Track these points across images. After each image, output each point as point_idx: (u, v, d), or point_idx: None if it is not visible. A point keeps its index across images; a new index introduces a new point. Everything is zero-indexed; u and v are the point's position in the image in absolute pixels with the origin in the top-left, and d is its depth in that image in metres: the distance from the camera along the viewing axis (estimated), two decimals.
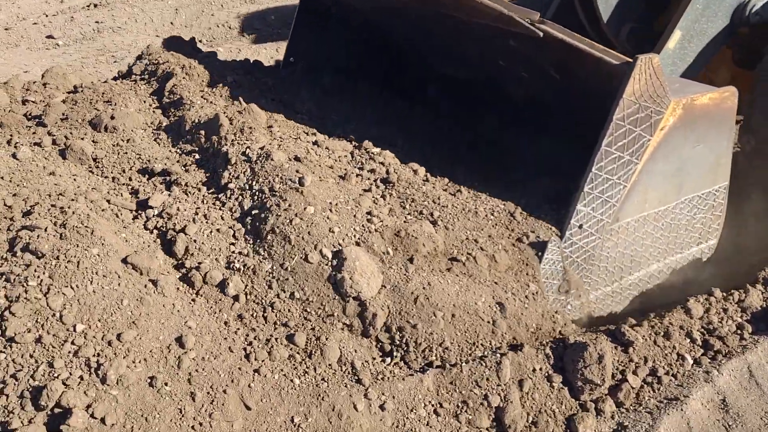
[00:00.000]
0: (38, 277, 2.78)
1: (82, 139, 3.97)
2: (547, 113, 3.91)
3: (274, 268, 3.11)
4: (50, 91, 4.76)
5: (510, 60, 3.91)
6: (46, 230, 2.97)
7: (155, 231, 3.37)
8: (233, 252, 3.22)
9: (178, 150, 3.99)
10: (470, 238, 3.40)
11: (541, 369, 3.05)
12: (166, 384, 2.66)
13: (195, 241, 3.24)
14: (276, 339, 2.97)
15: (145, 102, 4.56)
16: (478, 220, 3.50)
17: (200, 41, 9.58)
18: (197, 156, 3.90)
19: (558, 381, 3.04)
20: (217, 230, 3.30)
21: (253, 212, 3.35)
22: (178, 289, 3.02)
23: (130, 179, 3.78)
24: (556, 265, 3.39)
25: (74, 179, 3.67)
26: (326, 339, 2.97)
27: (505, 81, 4.18)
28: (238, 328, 2.98)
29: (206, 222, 3.35)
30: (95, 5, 9.15)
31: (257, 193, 3.44)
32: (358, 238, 3.21)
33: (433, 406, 2.93)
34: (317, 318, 3.03)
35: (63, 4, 9.18)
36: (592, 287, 3.57)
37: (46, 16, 8.94)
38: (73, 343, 2.64)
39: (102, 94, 4.54)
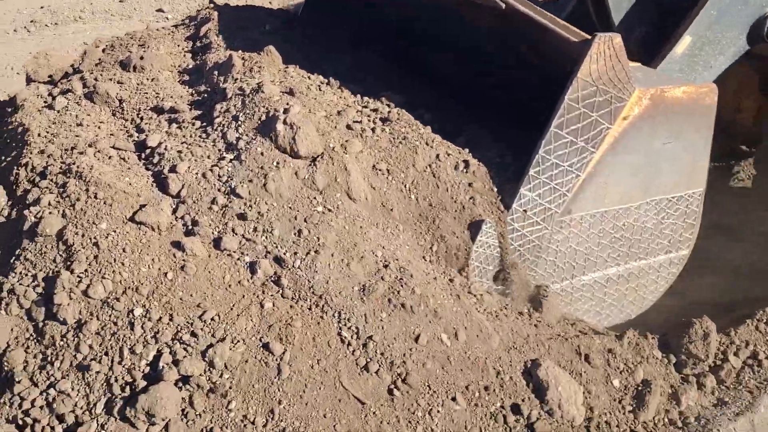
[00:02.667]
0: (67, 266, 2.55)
1: (111, 80, 3.91)
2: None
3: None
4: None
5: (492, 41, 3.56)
6: (49, 204, 2.78)
7: (151, 170, 3.15)
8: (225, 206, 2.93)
9: (194, 90, 3.86)
10: None
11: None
12: None
13: (184, 185, 2.97)
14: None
15: (178, 46, 4.50)
16: None
17: None
18: (206, 95, 3.74)
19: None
20: (203, 175, 3.01)
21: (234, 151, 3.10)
22: (209, 255, 2.73)
23: (142, 118, 3.65)
24: (492, 250, 3.03)
25: (98, 126, 3.55)
26: None
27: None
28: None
29: (193, 159, 3.11)
30: None
31: (241, 125, 3.19)
32: None
33: None
34: None
35: None
36: (537, 282, 3.18)
37: None
38: (152, 330, 2.44)
39: (139, 38, 4.54)
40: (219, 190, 2.93)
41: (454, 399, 2.54)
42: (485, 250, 3.02)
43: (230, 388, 2.33)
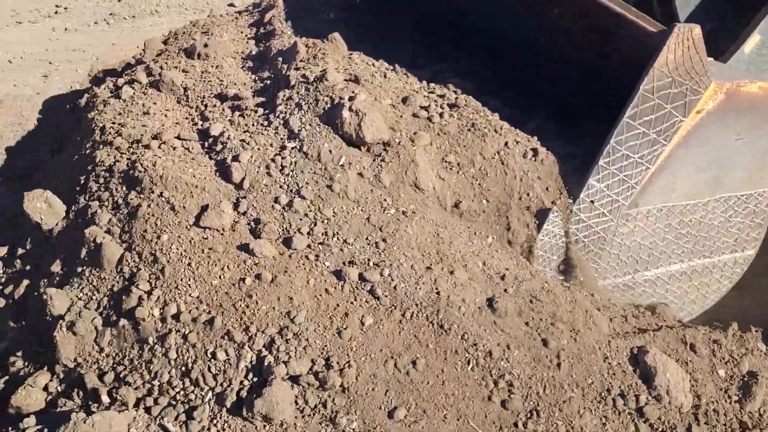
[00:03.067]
0: (142, 290, 2.51)
1: (176, 68, 3.94)
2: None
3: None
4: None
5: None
6: (110, 222, 2.76)
7: (214, 159, 3.14)
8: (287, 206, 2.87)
9: (257, 77, 3.87)
10: None
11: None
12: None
13: (247, 175, 2.95)
14: None
15: (242, 33, 4.55)
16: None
17: None
18: (269, 82, 3.75)
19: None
20: (266, 167, 2.98)
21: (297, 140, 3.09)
22: (281, 254, 2.67)
23: (206, 106, 3.66)
24: (557, 239, 3.02)
25: (165, 115, 3.57)
26: None
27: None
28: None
29: (256, 148, 3.11)
30: None
31: (305, 114, 3.19)
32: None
33: None
34: None
35: None
36: (600, 275, 3.15)
37: None
38: (242, 341, 2.38)
39: (202, 26, 4.63)
40: (281, 186, 2.89)
41: None
42: (551, 239, 3.01)
43: (348, 413, 2.28)
